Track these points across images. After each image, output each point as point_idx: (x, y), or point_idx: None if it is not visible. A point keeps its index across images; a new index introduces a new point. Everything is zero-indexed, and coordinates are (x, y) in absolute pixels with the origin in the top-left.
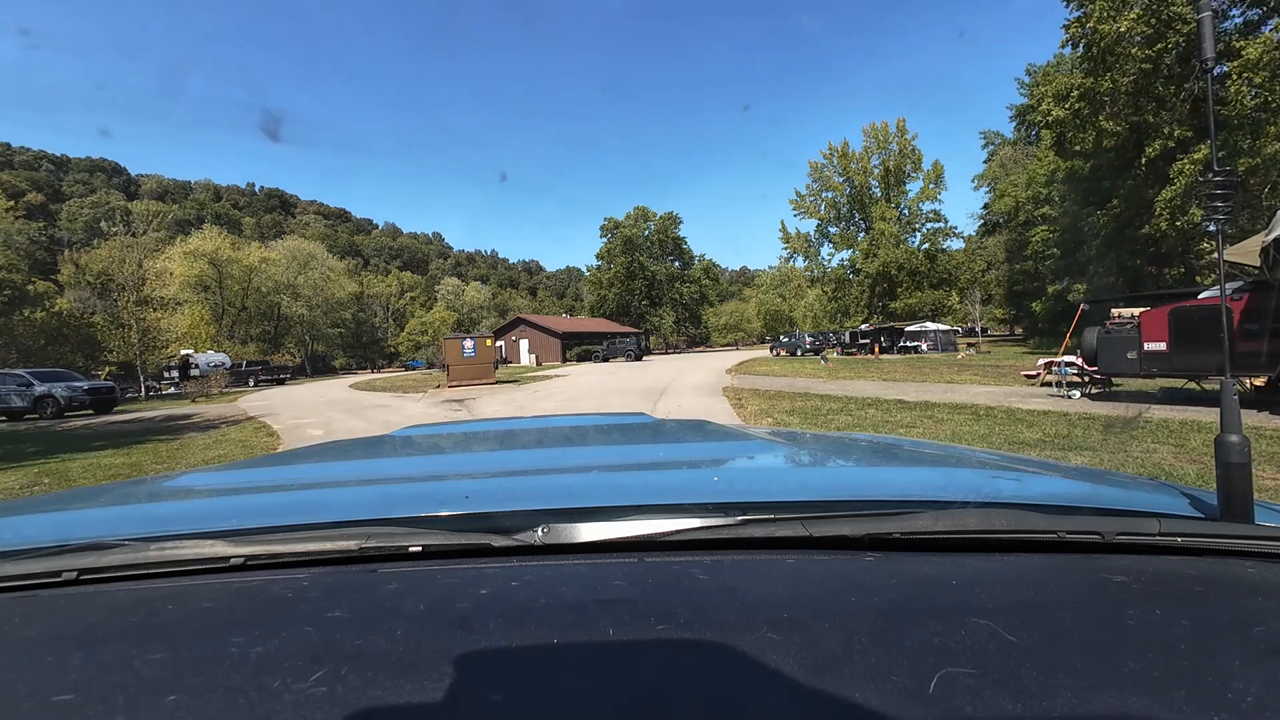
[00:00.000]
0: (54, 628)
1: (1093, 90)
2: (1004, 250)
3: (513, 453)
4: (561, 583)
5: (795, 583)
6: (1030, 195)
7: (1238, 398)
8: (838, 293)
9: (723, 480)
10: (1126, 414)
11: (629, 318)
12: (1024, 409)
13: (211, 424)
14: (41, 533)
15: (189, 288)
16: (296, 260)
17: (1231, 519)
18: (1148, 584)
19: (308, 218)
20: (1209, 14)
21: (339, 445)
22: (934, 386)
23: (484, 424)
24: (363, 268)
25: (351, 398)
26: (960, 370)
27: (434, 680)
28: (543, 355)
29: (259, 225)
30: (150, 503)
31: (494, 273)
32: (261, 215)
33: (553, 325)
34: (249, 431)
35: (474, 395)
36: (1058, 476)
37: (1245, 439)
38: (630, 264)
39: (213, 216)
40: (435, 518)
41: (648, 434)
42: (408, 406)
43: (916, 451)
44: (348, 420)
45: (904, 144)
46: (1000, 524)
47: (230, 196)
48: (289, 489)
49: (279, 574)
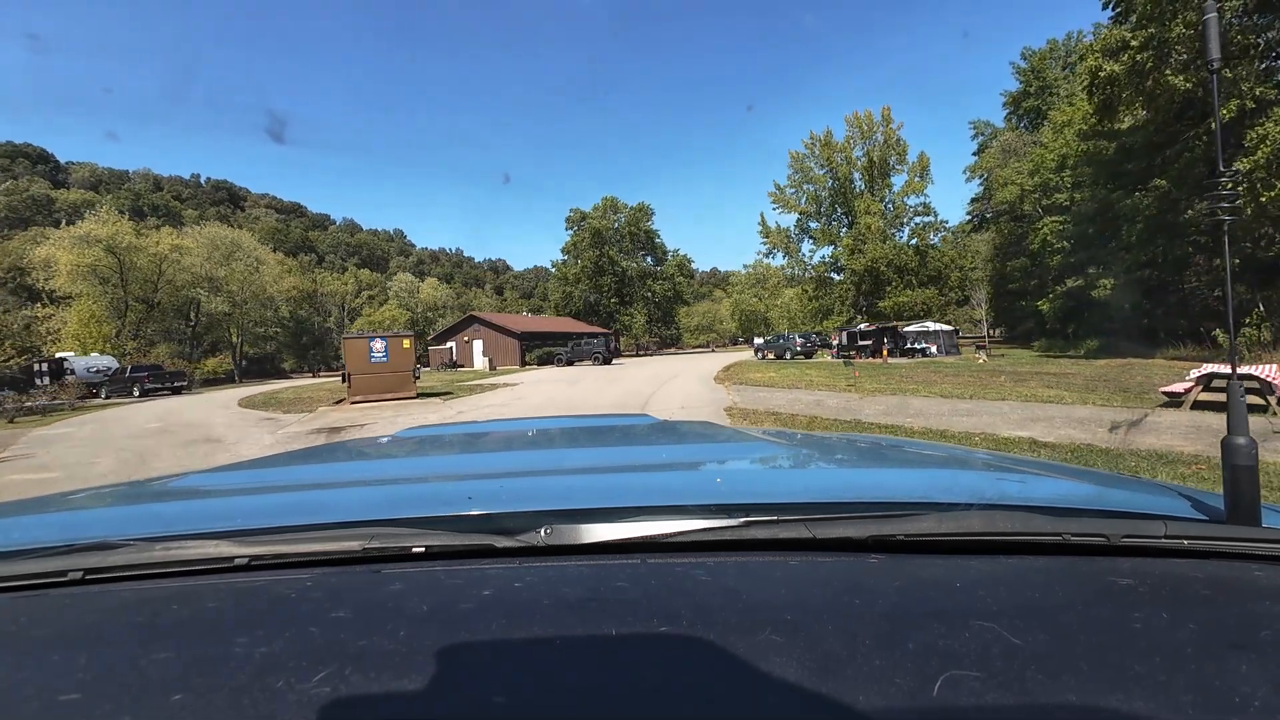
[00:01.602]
0: (60, 627)
1: (1159, 38)
2: (991, 246)
3: (516, 453)
4: (565, 584)
5: (798, 584)
6: (1038, 183)
7: (1245, 399)
8: (818, 292)
9: (726, 481)
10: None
11: (597, 317)
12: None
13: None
14: (48, 532)
15: (82, 278)
16: (219, 250)
17: (1238, 522)
18: (1154, 587)
19: (258, 211)
20: (1214, 15)
21: (344, 446)
22: (1017, 408)
23: (488, 425)
24: (317, 264)
25: (194, 424)
26: (1017, 380)
27: (438, 681)
28: (499, 358)
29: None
30: (156, 502)
31: (459, 271)
32: (206, 208)
33: (510, 324)
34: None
35: (369, 419)
36: (1062, 478)
37: (1252, 441)
38: (599, 258)
39: (150, 208)
40: (439, 518)
41: (651, 435)
42: (247, 442)
43: (919, 453)
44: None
45: (889, 134)
46: (1004, 526)
47: (172, 188)
48: (293, 489)
49: (283, 574)
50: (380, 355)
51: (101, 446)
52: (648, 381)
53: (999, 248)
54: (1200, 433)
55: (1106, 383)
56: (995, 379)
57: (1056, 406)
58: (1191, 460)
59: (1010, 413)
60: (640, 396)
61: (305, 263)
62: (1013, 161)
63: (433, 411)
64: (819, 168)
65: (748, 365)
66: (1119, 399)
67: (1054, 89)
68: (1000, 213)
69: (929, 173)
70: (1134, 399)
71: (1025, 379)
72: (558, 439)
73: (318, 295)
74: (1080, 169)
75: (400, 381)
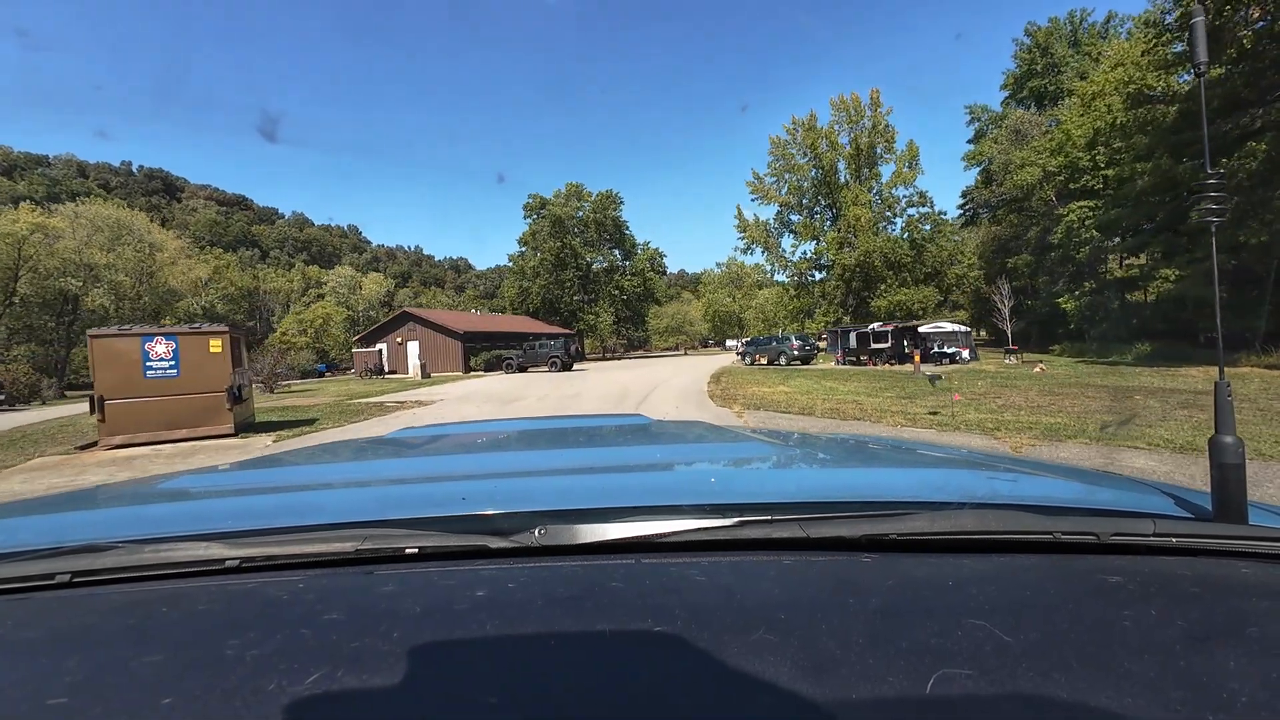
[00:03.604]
0: (48, 630)
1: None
2: (990, 240)
3: (510, 454)
4: (559, 584)
5: (792, 584)
6: (1062, 164)
7: (1232, 398)
8: (799, 290)
9: (720, 481)
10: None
11: (558, 316)
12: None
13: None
14: (36, 535)
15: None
16: (101, 232)
17: (1226, 520)
18: (1143, 584)
19: (196, 203)
20: (1201, 19)
21: (335, 447)
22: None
23: (481, 425)
24: (259, 260)
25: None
26: (1183, 405)
27: (431, 682)
28: (438, 362)
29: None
30: (145, 504)
31: (417, 270)
32: (136, 198)
33: (453, 323)
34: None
35: (128, 472)
36: (1053, 477)
37: (1239, 440)
38: (560, 250)
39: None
40: (432, 519)
41: (645, 435)
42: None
43: (913, 453)
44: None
45: (878, 119)
46: (996, 525)
47: (99, 175)
48: (285, 491)
49: (275, 576)
50: (164, 366)
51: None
52: (616, 399)
53: (1001, 241)
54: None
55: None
56: (1155, 405)
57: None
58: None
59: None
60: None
61: (246, 258)
62: (1030, 142)
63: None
64: (801, 155)
65: (741, 374)
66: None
67: (1062, 66)
68: (1004, 202)
69: (919, 163)
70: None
71: (1188, 402)
72: (552, 439)
73: (259, 293)
74: (1117, 145)
75: (203, 409)
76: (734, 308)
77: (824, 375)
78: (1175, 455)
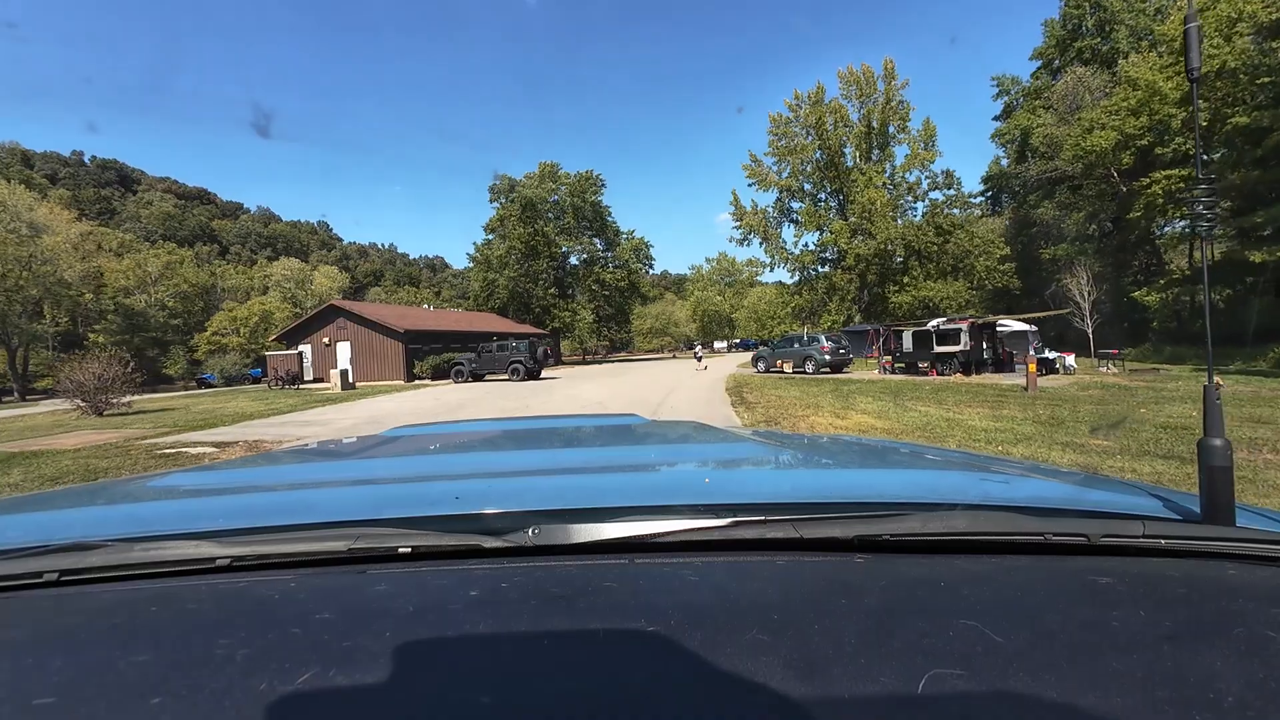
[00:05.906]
0: (35, 630)
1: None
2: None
3: (504, 453)
4: (552, 584)
5: (785, 584)
6: (1144, 124)
7: (1220, 401)
8: (802, 286)
9: (714, 482)
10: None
11: (529, 313)
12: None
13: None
14: (23, 533)
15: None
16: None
17: (1214, 522)
18: (1132, 585)
19: (152, 195)
20: (1195, 25)
21: (328, 446)
22: None
23: (475, 424)
24: (219, 255)
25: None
26: None
27: (424, 681)
28: (373, 368)
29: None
30: (135, 502)
31: (391, 269)
32: (84, 189)
33: (393, 320)
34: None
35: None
36: (1045, 479)
37: (1228, 442)
38: (531, 237)
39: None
40: (425, 519)
41: (640, 435)
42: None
43: (906, 454)
44: None
45: (891, 92)
46: (988, 526)
47: (46, 165)
48: (277, 489)
49: (266, 575)
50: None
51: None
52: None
53: (1043, 226)
54: None
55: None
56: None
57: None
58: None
59: None
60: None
61: (204, 253)
62: (1102, 101)
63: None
64: (805, 134)
65: (764, 386)
66: None
67: (1118, 20)
68: (1050, 181)
69: (935, 142)
70: None
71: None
72: (546, 439)
73: (216, 290)
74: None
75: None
76: (724, 307)
77: (886, 390)
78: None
